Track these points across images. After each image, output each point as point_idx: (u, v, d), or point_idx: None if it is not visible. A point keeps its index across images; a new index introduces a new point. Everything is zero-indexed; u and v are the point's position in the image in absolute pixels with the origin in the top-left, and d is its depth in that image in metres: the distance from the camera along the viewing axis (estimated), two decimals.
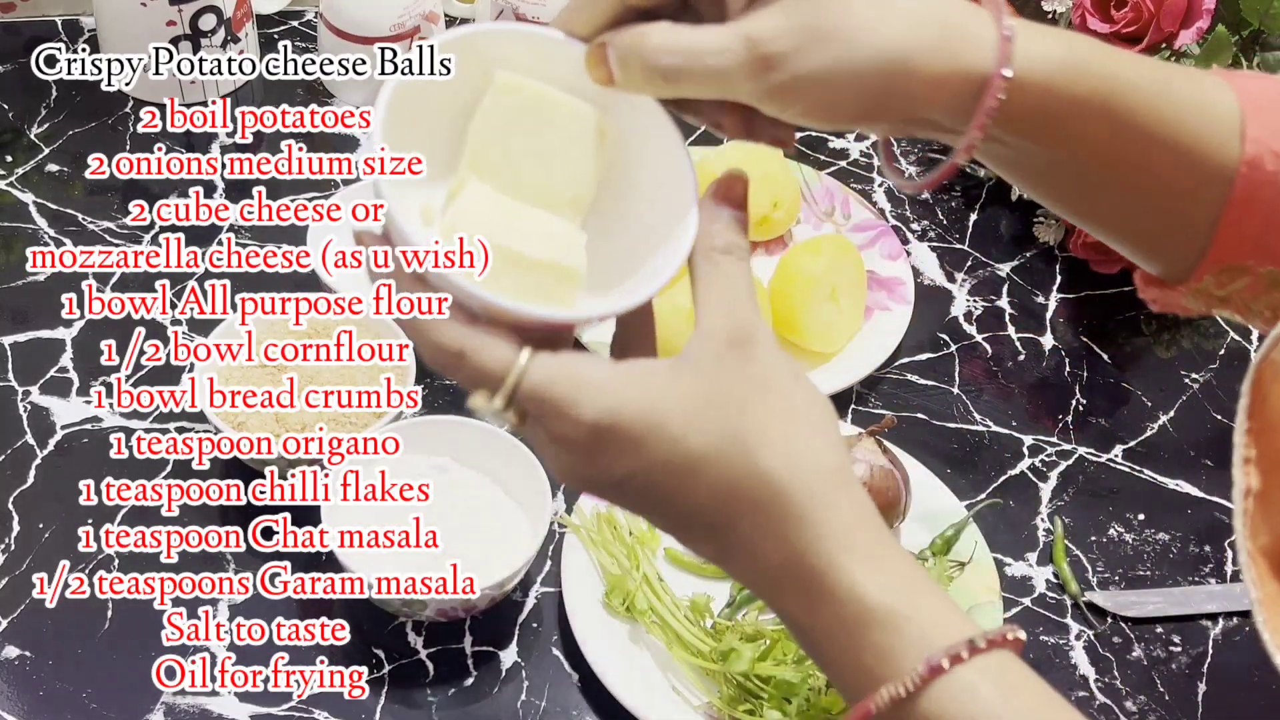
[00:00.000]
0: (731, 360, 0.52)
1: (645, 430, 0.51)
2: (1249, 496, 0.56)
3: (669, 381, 0.52)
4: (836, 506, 0.52)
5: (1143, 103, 0.57)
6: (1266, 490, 0.56)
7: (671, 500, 0.52)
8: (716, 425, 0.51)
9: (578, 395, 0.51)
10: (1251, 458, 0.56)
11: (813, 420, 0.54)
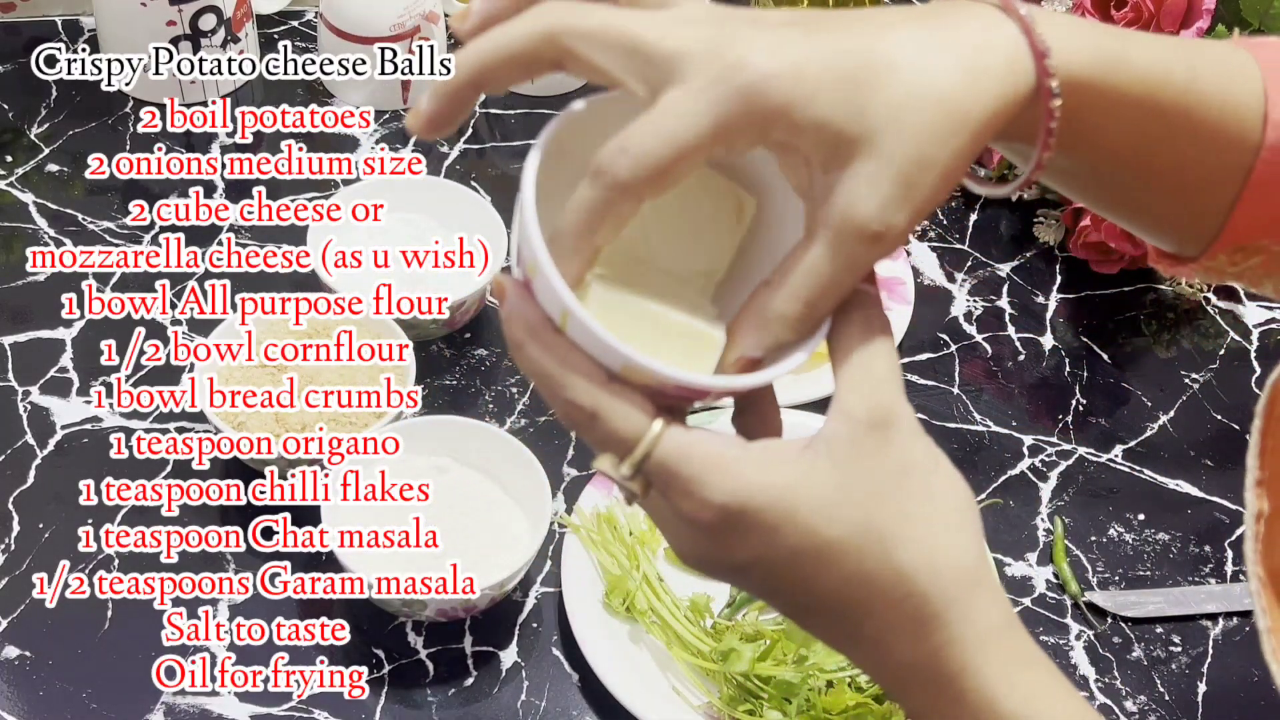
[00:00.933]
0: (870, 446, 0.50)
1: (776, 518, 0.48)
2: (1260, 520, 0.54)
3: (803, 467, 0.49)
4: (975, 609, 0.49)
5: (1170, 98, 0.55)
6: (1276, 511, 0.55)
7: (798, 589, 0.50)
8: (851, 516, 0.49)
9: (708, 475, 0.48)
10: (1264, 480, 0.54)
11: (952, 512, 0.51)
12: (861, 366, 0.51)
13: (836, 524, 0.48)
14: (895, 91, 0.47)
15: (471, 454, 0.88)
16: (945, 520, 0.50)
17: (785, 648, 0.83)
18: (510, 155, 1.17)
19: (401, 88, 1.18)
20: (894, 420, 0.50)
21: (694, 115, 0.46)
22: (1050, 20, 0.51)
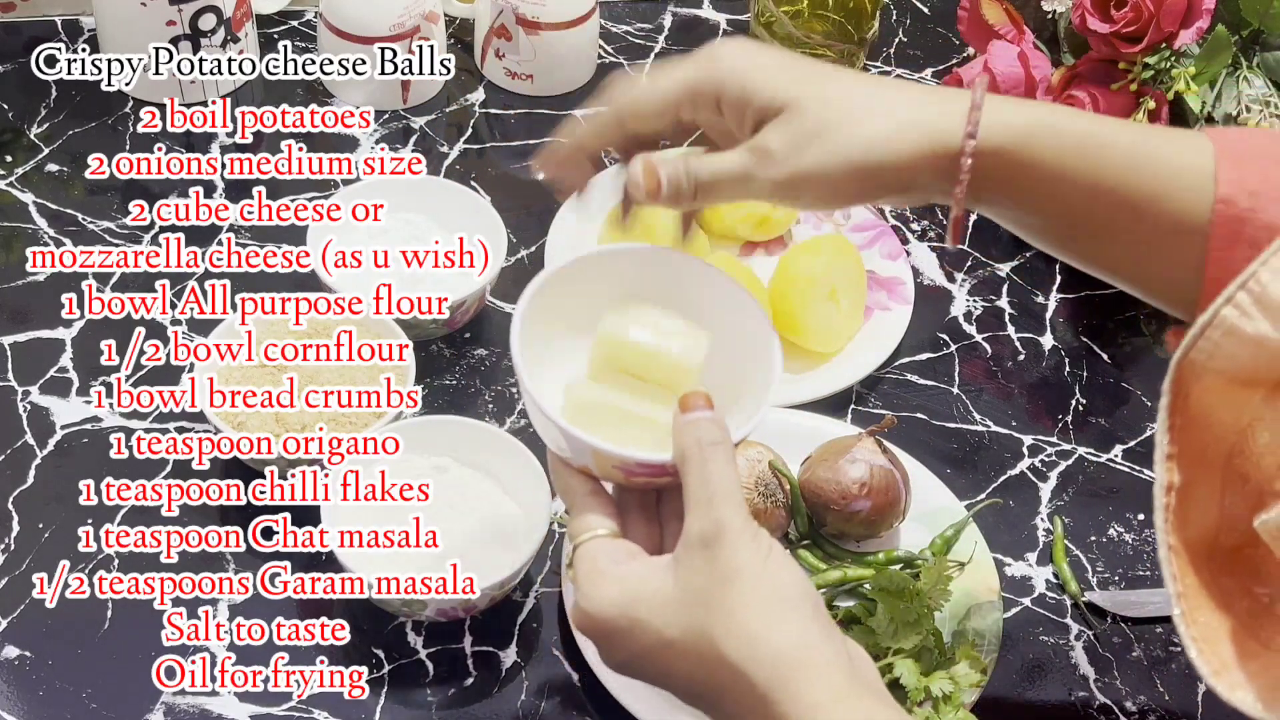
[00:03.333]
0: (700, 561, 0.60)
1: (628, 624, 0.61)
2: (1170, 491, 0.58)
3: (652, 582, 0.61)
4: (800, 688, 0.57)
5: (1113, 160, 0.66)
6: (1188, 485, 0.58)
7: (667, 679, 0.62)
8: (684, 619, 0.60)
9: (589, 584, 0.62)
10: (1173, 454, 0.58)
11: (777, 604, 0.59)
12: (701, 487, 0.61)
13: (673, 627, 0.60)
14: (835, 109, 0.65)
15: (471, 454, 0.88)
16: (767, 613, 0.59)
17: None
18: (510, 155, 1.17)
19: (401, 88, 1.18)
20: (721, 536, 0.60)
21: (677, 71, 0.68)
22: (1002, 103, 0.65)
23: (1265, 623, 0.57)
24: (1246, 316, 0.56)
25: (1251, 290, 0.56)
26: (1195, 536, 0.59)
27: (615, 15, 1.30)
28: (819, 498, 0.91)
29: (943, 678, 0.82)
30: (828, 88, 0.66)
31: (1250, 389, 0.57)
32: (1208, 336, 0.56)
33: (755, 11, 1.24)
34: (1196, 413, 0.58)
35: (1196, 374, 0.57)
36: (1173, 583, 0.57)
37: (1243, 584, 0.58)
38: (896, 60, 1.29)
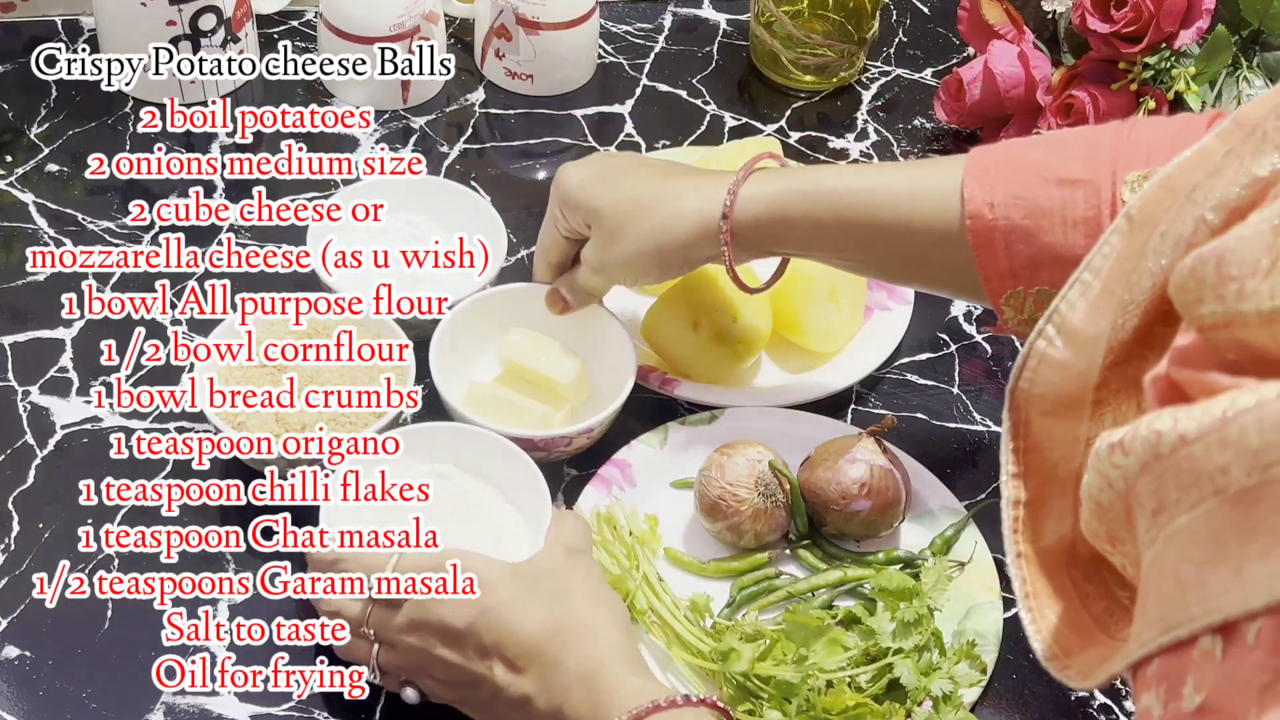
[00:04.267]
0: (564, 559, 0.80)
1: (497, 580, 0.77)
2: (1018, 505, 0.63)
3: (522, 564, 0.79)
4: (617, 635, 0.77)
5: (857, 204, 0.85)
6: (1039, 499, 0.63)
7: (508, 632, 0.76)
8: (549, 587, 0.78)
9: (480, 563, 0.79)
10: (1019, 473, 0.63)
11: (609, 597, 0.80)
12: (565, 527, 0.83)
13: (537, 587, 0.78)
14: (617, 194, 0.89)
15: (473, 461, 0.88)
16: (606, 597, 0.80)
17: (785, 648, 0.83)
18: (510, 155, 1.17)
19: (401, 88, 1.18)
20: (582, 554, 0.82)
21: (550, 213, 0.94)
22: (762, 179, 0.87)
23: (1119, 619, 0.60)
24: (1052, 345, 0.61)
25: (1055, 321, 0.61)
26: (1051, 546, 0.63)
27: (615, 15, 1.30)
28: (819, 498, 0.90)
29: (943, 678, 0.82)
30: (623, 191, 0.89)
31: (1075, 412, 0.62)
32: (1029, 366, 0.62)
33: (755, 11, 1.24)
34: (1039, 436, 0.63)
35: (1028, 400, 0.62)
36: (1021, 584, 0.62)
37: (1104, 589, 0.61)
38: (896, 60, 1.29)
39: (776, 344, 1.03)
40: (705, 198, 0.87)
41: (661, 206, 0.88)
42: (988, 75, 1.13)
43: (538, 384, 0.95)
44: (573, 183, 0.90)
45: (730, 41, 1.29)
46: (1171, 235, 0.54)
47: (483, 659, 0.76)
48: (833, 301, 1.02)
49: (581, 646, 0.75)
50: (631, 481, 0.94)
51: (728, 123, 1.22)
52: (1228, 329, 0.45)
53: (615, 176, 0.90)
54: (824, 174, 0.88)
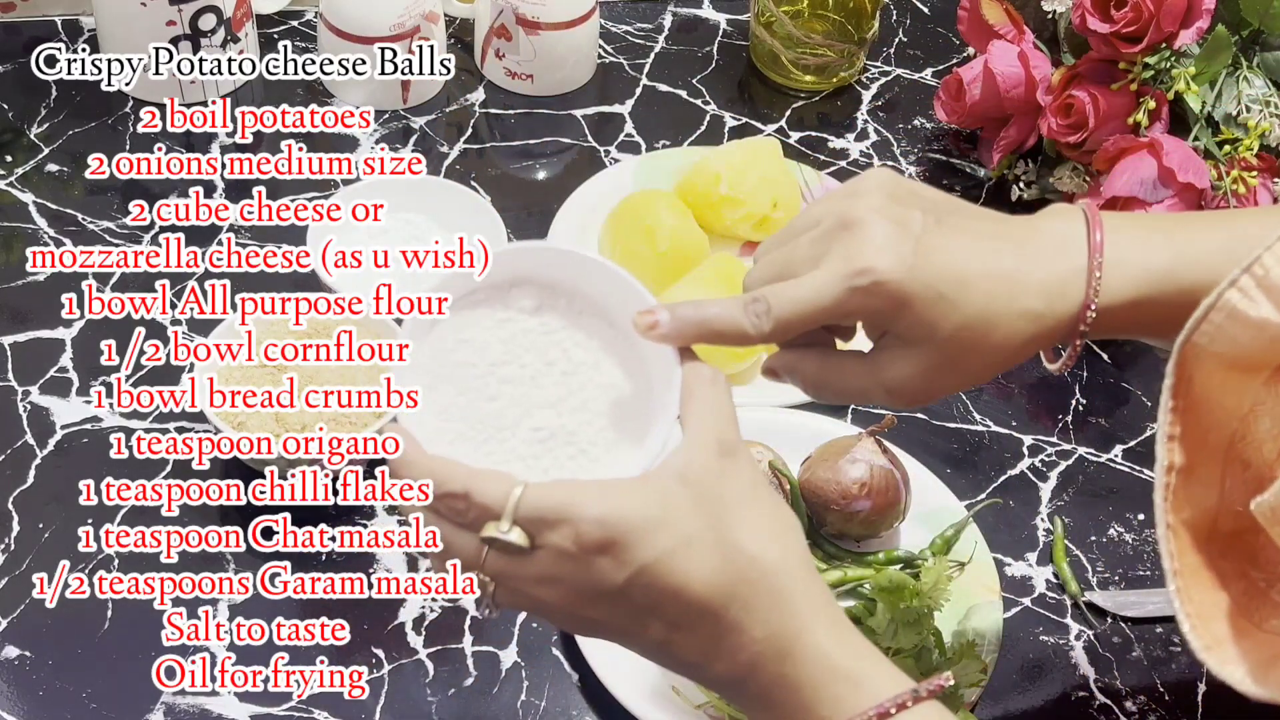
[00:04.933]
0: (720, 467, 0.60)
1: (648, 523, 0.57)
2: (1172, 471, 0.58)
3: (667, 483, 0.59)
4: (809, 586, 0.60)
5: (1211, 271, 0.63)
6: (1190, 466, 0.58)
7: (671, 595, 0.58)
8: (713, 519, 0.59)
9: (576, 501, 0.57)
10: (1176, 435, 0.58)
11: (786, 521, 0.62)
12: (710, 408, 0.61)
13: (701, 527, 0.58)
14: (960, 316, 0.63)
15: (563, 295, 0.85)
16: (783, 524, 0.61)
17: None
18: (510, 155, 1.17)
19: (401, 88, 1.18)
20: (739, 451, 0.61)
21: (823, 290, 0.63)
22: (1116, 237, 0.64)
23: (1259, 604, 0.58)
24: (1250, 300, 0.56)
25: (1255, 274, 0.56)
26: (1194, 518, 0.59)
27: (615, 15, 1.30)
28: (819, 498, 0.91)
29: None
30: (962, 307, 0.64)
31: (1252, 374, 0.57)
32: (1210, 320, 0.56)
33: (755, 11, 1.24)
34: (1199, 396, 0.58)
35: (1199, 357, 0.57)
36: (1169, 560, 0.58)
37: (1239, 567, 0.58)
38: (896, 60, 1.29)
39: None
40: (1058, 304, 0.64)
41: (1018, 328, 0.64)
42: (988, 75, 1.13)
43: None
44: (896, 269, 0.63)
45: (730, 41, 1.29)
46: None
47: (638, 619, 0.60)
48: None
49: (768, 614, 0.59)
50: None
51: (728, 123, 1.22)
52: None
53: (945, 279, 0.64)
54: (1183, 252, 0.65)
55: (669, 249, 1.04)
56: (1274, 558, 0.58)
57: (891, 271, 0.62)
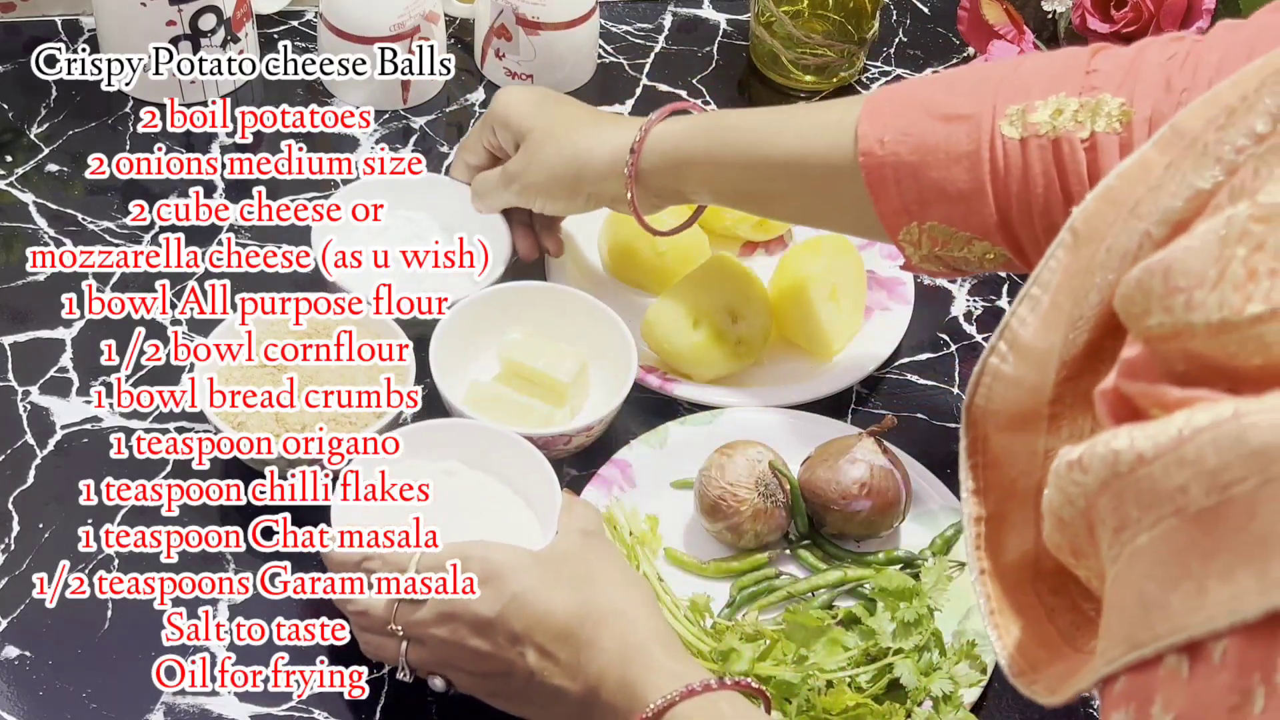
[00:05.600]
0: (583, 542, 0.80)
1: (520, 565, 0.77)
2: (980, 522, 0.62)
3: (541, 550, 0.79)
4: (650, 617, 0.77)
5: (756, 140, 0.88)
6: (1000, 514, 0.62)
7: (538, 619, 0.75)
8: (574, 567, 0.78)
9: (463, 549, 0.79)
10: (979, 489, 0.62)
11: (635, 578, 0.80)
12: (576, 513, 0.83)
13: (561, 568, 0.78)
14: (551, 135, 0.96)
15: (479, 456, 0.88)
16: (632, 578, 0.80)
17: (785, 648, 0.83)
18: None
19: (401, 88, 1.18)
20: (599, 536, 0.83)
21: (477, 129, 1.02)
22: (672, 121, 0.92)
23: (1085, 632, 0.60)
24: (1005, 361, 0.60)
25: (1006, 337, 0.60)
26: (1015, 561, 0.62)
27: (615, 15, 1.30)
28: (819, 498, 0.91)
29: (943, 678, 0.82)
30: (554, 117, 0.95)
31: (1032, 426, 0.61)
32: (983, 383, 0.61)
33: (755, 11, 1.24)
34: (997, 452, 0.62)
35: (985, 417, 0.61)
36: (985, 602, 0.62)
37: (1070, 602, 0.61)
38: (896, 60, 1.29)
39: (776, 344, 1.03)
40: (623, 134, 0.92)
41: (584, 136, 0.94)
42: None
43: (538, 383, 0.94)
44: (510, 101, 0.97)
45: (730, 41, 1.29)
46: (1117, 250, 0.54)
47: (514, 645, 0.76)
48: (833, 301, 1.02)
49: (613, 629, 0.75)
50: (632, 481, 0.94)
51: None
52: (1176, 340, 0.45)
53: (551, 105, 0.97)
54: (728, 114, 0.93)
55: (669, 249, 1.05)
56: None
57: (508, 94, 0.98)
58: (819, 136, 0.86)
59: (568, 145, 0.94)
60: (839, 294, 1.02)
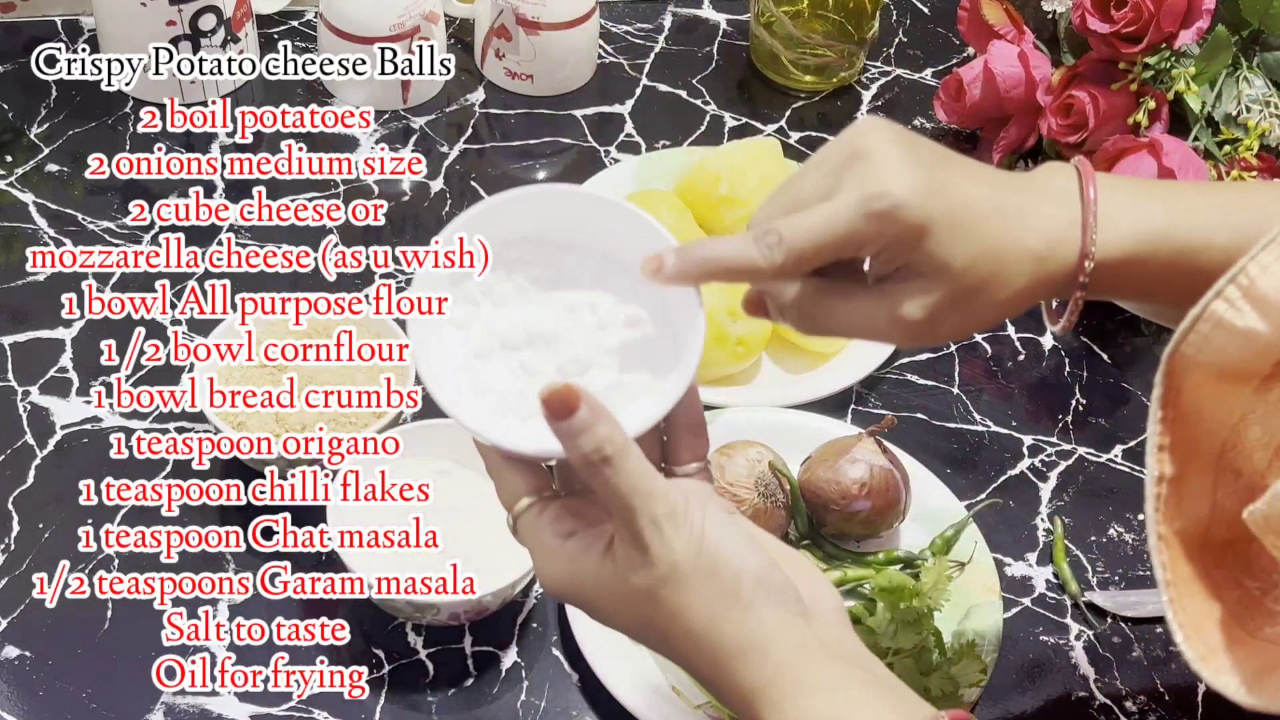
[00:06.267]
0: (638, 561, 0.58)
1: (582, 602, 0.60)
2: (1162, 482, 0.58)
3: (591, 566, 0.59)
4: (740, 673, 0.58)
5: (1210, 262, 0.63)
6: (1181, 476, 0.59)
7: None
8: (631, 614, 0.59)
9: (541, 560, 0.60)
10: (1166, 445, 0.58)
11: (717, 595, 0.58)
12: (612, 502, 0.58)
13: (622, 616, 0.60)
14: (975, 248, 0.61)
15: (471, 456, 0.88)
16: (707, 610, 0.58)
17: None
18: (510, 155, 1.17)
19: (401, 88, 1.18)
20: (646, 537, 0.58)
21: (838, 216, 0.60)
22: (1110, 194, 0.63)
23: (1254, 613, 0.58)
24: (1235, 310, 0.56)
25: (1240, 284, 0.56)
26: (1187, 528, 0.59)
27: (615, 15, 1.30)
28: (819, 498, 0.91)
29: (943, 678, 0.82)
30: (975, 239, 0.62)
31: (1240, 383, 0.58)
32: (1198, 330, 0.57)
33: (755, 12, 1.24)
34: (1189, 406, 0.58)
35: (1188, 367, 0.58)
36: (1162, 571, 0.58)
37: (1233, 576, 0.59)
38: (896, 60, 1.29)
39: (776, 344, 1.03)
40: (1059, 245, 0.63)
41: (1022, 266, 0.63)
42: (988, 75, 1.13)
43: None
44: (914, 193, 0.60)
45: (730, 41, 1.29)
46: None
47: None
48: None
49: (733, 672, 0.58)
50: None
51: (728, 123, 1.22)
52: None
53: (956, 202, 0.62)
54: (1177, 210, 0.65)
55: None
56: (1268, 566, 0.58)
57: (910, 195, 0.59)
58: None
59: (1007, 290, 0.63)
60: None
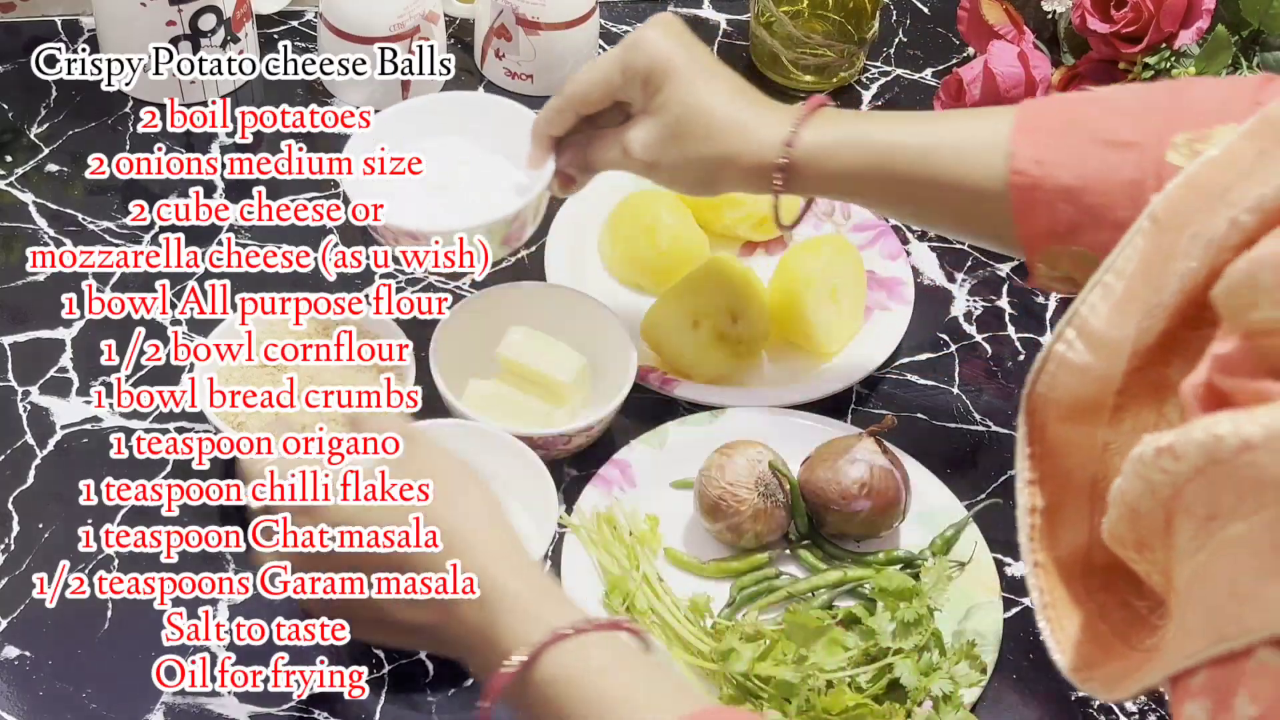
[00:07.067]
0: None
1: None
2: (1035, 513, 0.62)
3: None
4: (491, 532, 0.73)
5: (907, 157, 0.83)
6: (1055, 506, 0.62)
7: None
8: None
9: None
10: (1035, 479, 0.62)
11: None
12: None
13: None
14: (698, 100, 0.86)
15: (473, 457, 0.88)
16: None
17: (785, 648, 0.83)
18: None
19: (401, 88, 1.18)
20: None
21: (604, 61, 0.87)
22: (822, 121, 0.85)
23: (1138, 629, 0.59)
24: (1072, 349, 0.59)
25: (1075, 325, 0.59)
26: (1066, 555, 0.62)
27: (615, 15, 1.30)
28: (819, 498, 0.91)
29: (943, 678, 0.82)
30: (703, 95, 0.85)
31: (1094, 415, 0.60)
32: (1047, 370, 0.60)
33: (755, 11, 1.24)
34: (1055, 441, 0.61)
35: (1045, 405, 0.61)
36: (1039, 594, 0.61)
37: (1120, 598, 0.60)
38: (896, 60, 1.29)
39: (776, 344, 1.03)
40: (770, 135, 0.85)
41: (733, 134, 0.85)
42: (988, 75, 1.13)
43: (538, 382, 0.95)
44: (659, 42, 0.86)
45: (730, 41, 1.29)
46: (1202, 237, 0.52)
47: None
48: (833, 301, 1.02)
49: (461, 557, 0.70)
50: (632, 481, 0.94)
51: None
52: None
53: (698, 71, 0.86)
54: (874, 126, 0.86)
55: (669, 249, 1.05)
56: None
57: (662, 40, 0.86)
58: (969, 157, 0.82)
59: (716, 144, 0.85)
60: (839, 294, 1.02)
